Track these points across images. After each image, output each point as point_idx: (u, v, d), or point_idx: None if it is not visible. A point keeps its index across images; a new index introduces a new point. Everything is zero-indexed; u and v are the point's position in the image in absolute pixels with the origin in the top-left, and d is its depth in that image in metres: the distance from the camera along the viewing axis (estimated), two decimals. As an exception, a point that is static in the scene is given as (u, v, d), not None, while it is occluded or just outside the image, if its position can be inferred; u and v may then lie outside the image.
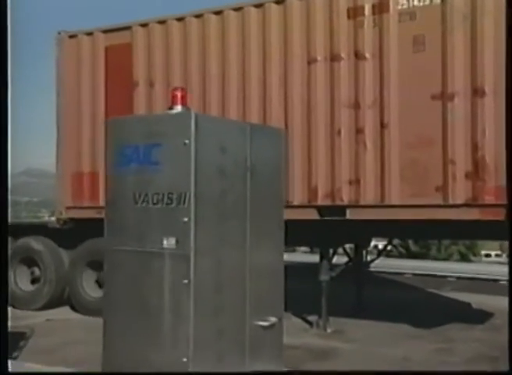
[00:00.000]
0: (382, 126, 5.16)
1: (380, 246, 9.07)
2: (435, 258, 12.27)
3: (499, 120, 4.74)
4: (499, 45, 4.73)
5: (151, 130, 3.60)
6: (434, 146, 4.97)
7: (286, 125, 5.47)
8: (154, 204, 3.55)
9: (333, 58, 5.41)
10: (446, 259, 12.33)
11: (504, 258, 12.02)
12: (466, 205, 4.89)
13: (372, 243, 8.67)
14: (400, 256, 12.15)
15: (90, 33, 6.56)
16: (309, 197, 5.42)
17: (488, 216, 4.88)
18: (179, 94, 3.63)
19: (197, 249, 3.41)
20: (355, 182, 5.26)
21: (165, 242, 3.48)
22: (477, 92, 4.85)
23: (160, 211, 3.51)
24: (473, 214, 4.90)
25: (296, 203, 5.52)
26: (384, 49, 5.20)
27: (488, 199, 4.86)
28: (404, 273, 9.66)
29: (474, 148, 4.86)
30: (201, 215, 3.45)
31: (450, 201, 4.91)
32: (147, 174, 3.57)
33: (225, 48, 5.80)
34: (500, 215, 4.74)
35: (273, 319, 3.74)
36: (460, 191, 4.89)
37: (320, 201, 5.39)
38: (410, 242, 12.55)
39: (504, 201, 4.83)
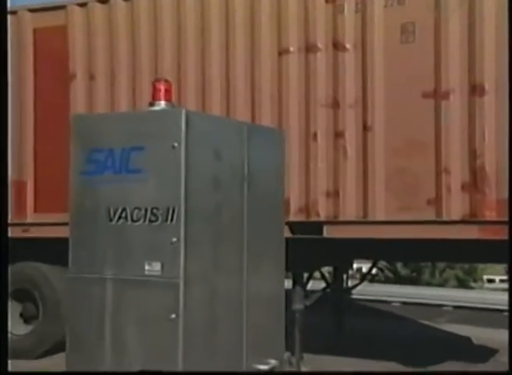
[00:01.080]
0: (366, 128, 5.22)
1: (364, 269, 9.11)
2: (429, 284, 12.40)
3: (502, 122, 4.86)
4: (501, 35, 4.84)
5: (130, 131, 3.54)
6: (426, 152, 5.03)
7: (253, 126, 5.49)
8: (134, 221, 3.49)
9: (308, 48, 5.44)
10: (441, 285, 12.46)
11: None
12: (463, 221, 4.96)
13: (354, 266, 8.72)
14: (387, 281, 12.25)
15: (14, 12, 6.39)
16: (279, 212, 5.41)
17: (488, 235, 4.95)
18: (162, 87, 3.60)
19: (188, 276, 3.36)
20: (333, 194, 5.30)
21: (147, 268, 3.42)
22: (475, 90, 4.93)
23: (142, 229, 3.46)
24: (471, 232, 4.95)
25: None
26: (367, 39, 5.25)
27: (489, 215, 4.92)
28: (392, 302, 9.74)
29: (473, 154, 4.93)
30: (193, 234, 3.40)
31: (444, 217, 4.98)
32: (126, 184, 3.52)
33: (181, 33, 5.79)
34: (503, 233, 4.79)
35: (273, 362, 3.72)
36: (456, 205, 4.96)
37: (292, 217, 5.39)
38: (399, 265, 12.66)
39: (507, 217, 4.94)
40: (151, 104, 3.60)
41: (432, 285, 12.28)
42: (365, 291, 8.41)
